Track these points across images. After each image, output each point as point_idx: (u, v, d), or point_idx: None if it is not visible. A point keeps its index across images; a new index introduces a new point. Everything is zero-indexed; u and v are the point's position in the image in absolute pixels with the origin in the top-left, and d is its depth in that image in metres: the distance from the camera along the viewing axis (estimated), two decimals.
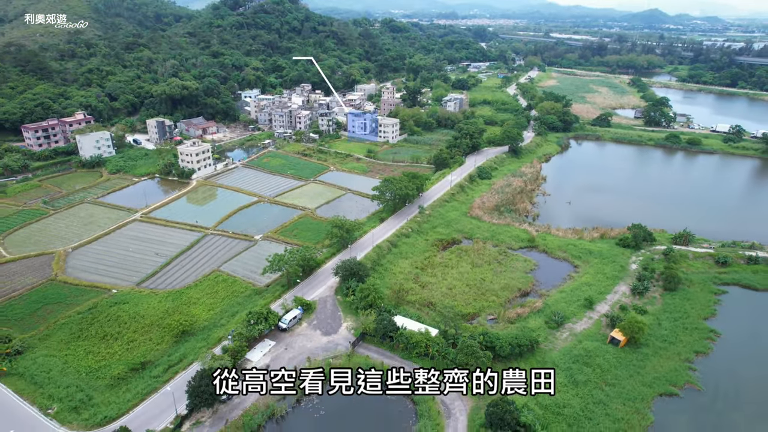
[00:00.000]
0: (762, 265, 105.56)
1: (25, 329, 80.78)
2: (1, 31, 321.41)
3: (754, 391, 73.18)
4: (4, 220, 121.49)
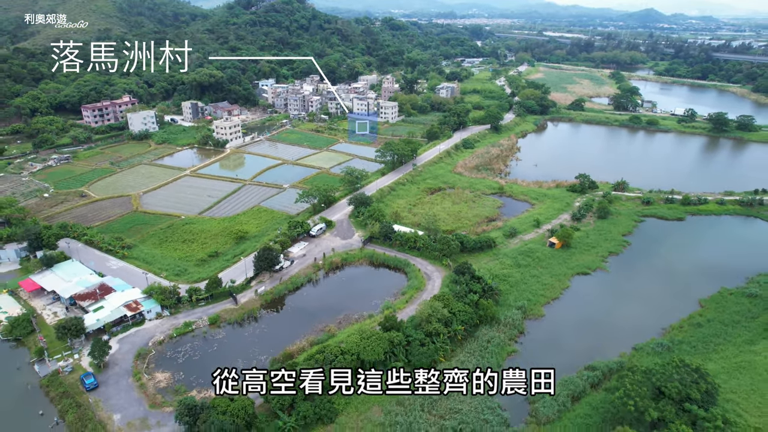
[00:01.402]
0: (675, 204, 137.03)
1: (126, 237, 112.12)
2: (36, 29, 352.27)
3: (644, 272, 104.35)
4: (84, 175, 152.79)
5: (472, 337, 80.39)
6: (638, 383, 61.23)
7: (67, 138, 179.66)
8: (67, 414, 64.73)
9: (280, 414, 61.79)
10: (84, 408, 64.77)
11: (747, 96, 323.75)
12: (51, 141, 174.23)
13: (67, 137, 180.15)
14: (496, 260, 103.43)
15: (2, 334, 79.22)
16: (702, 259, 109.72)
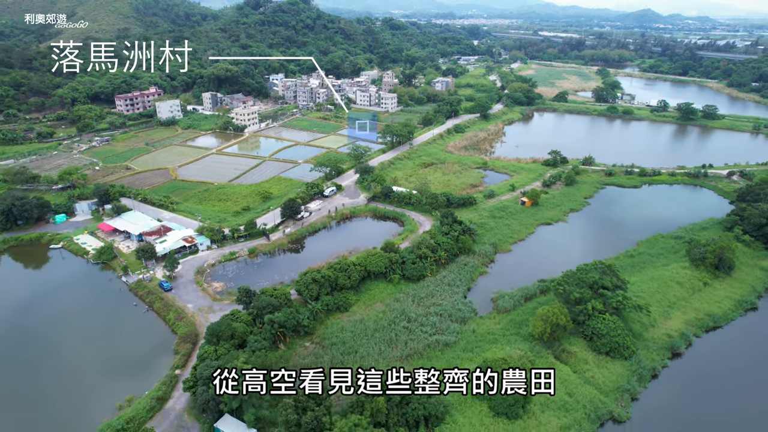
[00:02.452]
0: (633, 175, 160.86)
1: None
2: (59, 29, 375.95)
3: (597, 223, 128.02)
4: (124, 153, 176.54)
5: (453, 262, 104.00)
6: (568, 276, 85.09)
7: (104, 123, 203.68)
8: (154, 304, 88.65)
9: (309, 301, 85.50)
10: (165, 300, 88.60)
11: (722, 90, 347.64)
12: (92, 126, 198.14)
13: (104, 123, 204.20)
14: (476, 213, 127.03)
15: (93, 259, 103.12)
16: (647, 215, 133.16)
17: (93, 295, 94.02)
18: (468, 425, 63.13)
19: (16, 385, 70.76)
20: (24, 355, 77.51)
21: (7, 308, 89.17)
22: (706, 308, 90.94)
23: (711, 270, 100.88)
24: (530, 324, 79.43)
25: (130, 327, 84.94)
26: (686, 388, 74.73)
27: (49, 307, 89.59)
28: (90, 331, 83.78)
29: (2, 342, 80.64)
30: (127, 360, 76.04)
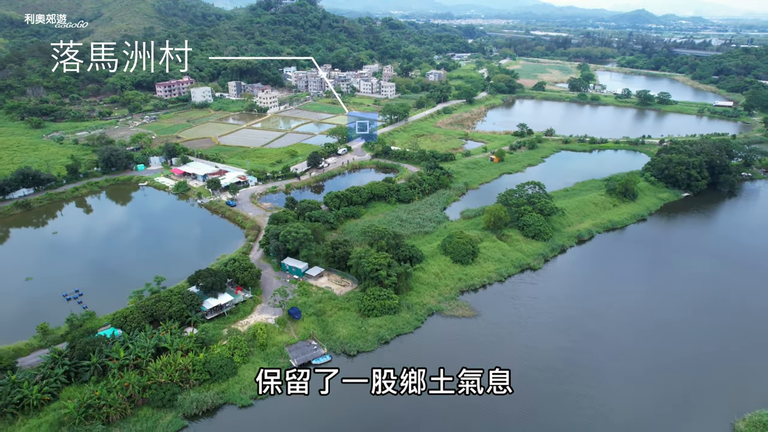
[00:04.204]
0: (585, 143, 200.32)
1: None
2: (91, 29, 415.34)
3: (547, 173, 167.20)
4: (171, 127, 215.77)
5: (434, 193, 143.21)
6: (511, 190, 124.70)
7: (149, 106, 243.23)
8: (225, 214, 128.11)
9: (332, 208, 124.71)
10: (232, 212, 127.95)
11: (687, 82, 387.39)
12: (140, 107, 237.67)
13: (149, 105, 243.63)
14: (454, 165, 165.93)
15: (173, 190, 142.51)
16: (588, 169, 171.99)
17: (180, 210, 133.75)
18: (437, 266, 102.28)
19: (156, 252, 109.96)
20: (154, 242, 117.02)
21: (123, 221, 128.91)
22: (609, 218, 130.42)
23: (620, 197, 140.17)
24: (482, 219, 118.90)
25: (213, 225, 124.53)
26: (583, 257, 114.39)
27: (153, 217, 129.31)
28: (187, 227, 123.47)
29: (135, 236, 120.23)
30: (217, 240, 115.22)
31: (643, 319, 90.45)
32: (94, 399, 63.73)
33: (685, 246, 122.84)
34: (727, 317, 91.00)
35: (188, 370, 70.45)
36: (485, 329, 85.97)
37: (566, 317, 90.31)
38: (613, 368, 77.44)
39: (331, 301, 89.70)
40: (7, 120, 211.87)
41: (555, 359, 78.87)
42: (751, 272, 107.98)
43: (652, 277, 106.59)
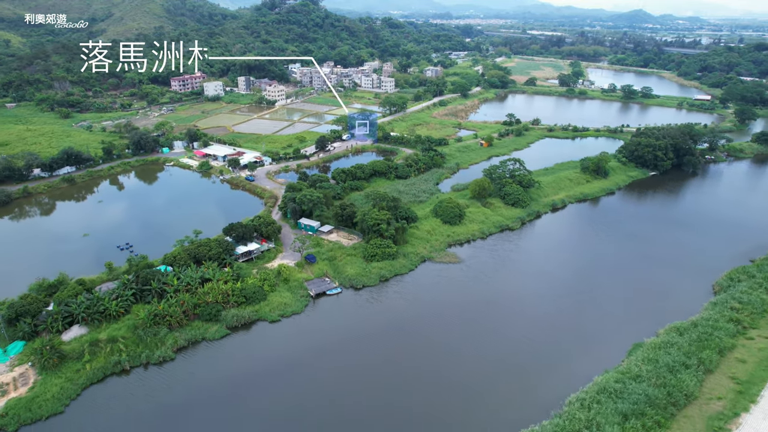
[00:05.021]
0: (568, 131, 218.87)
1: None
2: (103, 28, 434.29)
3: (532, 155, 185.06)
4: (188, 117, 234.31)
5: (428, 171, 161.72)
6: (494, 166, 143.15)
7: (166, 98, 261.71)
8: (245, 187, 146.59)
9: (339, 181, 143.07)
10: (252, 185, 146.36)
11: (672, 79, 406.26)
12: (157, 100, 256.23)
13: (165, 98, 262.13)
14: (447, 149, 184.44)
15: (197, 169, 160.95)
16: (569, 153, 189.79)
17: (205, 185, 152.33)
18: (429, 225, 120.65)
19: (189, 215, 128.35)
20: (186, 208, 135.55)
21: (156, 192, 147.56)
22: (582, 191, 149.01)
23: (592, 174, 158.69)
24: (469, 189, 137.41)
25: (235, 196, 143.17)
26: (554, 221, 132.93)
27: (182, 190, 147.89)
28: (213, 197, 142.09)
29: (168, 203, 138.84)
30: (240, 206, 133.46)
31: (589, 262, 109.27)
32: (159, 311, 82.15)
33: (639, 212, 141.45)
34: (647, 262, 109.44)
35: (228, 294, 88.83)
36: (466, 272, 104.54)
37: (533, 263, 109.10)
38: (554, 297, 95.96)
39: (340, 250, 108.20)
40: (38, 111, 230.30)
41: (518, 292, 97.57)
42: (683, 229, 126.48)
43: (605, 234, 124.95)
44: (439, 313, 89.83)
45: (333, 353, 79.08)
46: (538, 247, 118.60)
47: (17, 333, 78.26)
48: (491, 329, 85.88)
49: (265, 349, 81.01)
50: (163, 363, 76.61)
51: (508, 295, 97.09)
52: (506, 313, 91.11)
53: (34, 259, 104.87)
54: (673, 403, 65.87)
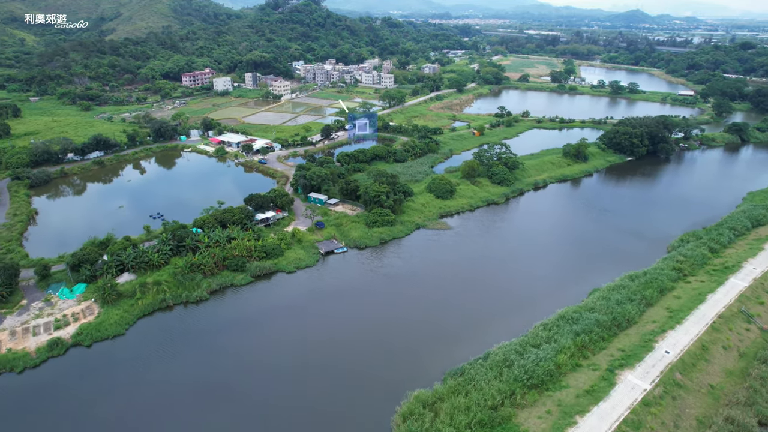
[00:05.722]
0: (556, 122, 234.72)
1: None
2: (113, 27, 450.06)
3: (520, 144, 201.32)
4: (200, 110, 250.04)
5: (424, 155, 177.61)
6: (483, 149, 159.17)
7: (178, 93, 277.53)
8: (258, 169, 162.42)
9: (343, 164, 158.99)
10: (264, 167, 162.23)
11: (661, 76, 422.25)
12: (170, 94, 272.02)
13: (177, 92, 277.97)
14: (442, 137, 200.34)
15: (214, 154, 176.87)
16: (554, 142, 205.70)
17: (221, 168, 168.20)
18: (423, 199, 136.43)
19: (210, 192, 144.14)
20: (206, 185, 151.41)
21: (178, 173, 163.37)
22: (562, 172, 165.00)
23: (573, 158, 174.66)
24: (460, 169, 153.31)
25: (250, 177, 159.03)
26: (535, 198, 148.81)
27: (201, 172, 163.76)
28: (230, 177, 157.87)
29: (191, 182, 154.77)
30: (255, 184, 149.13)
31: (564, 230, 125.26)
32: (194, 261, 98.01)
33: (614, 191, 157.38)
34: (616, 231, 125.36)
35: (251, 249, 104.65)
36: (455, 236, 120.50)
37: (515, 231, 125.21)
38: (531, 256, 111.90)
39: (345, 218, 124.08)
40: (60, 104, 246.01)
41: (500, 253, 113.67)
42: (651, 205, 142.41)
43: (581, 209, 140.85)
44: (430, 268, 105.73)
45: (339, 297, 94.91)
46: (520, 218, 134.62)
47: (80, 277, 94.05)
48: (475, 280, 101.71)
49: (283, 293, 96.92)
50: (199, 302, 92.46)
51: (492, 254, 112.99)
52: (489, 268, 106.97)
53: (81, 225, 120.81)
54: (616, 325, 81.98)
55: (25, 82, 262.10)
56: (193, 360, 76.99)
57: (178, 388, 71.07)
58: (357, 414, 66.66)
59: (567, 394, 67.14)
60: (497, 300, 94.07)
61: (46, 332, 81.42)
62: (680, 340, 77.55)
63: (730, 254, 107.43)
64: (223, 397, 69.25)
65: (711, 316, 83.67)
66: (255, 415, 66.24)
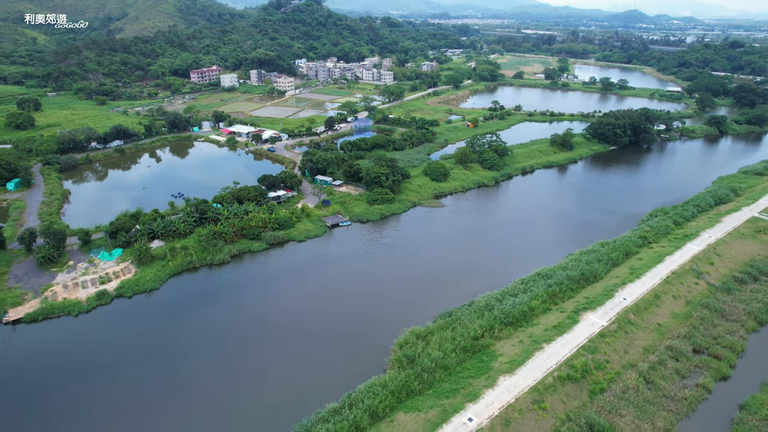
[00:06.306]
0: (546, 115, 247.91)
1: None
2: (121, 26, 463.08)
3: (511, 134, 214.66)
4: (209, 104, 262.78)
5: (421, 144, 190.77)
6: (475, 137, 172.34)
7: (187, 89, 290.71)
8: (267, 157, 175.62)
9: (346, 151, 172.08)
10: (273, 155, 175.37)
11: (653, 74, 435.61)
12: (179, 90, 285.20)
13: (186, 88, 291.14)
14: (438, 128, 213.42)
15: (225, 143, 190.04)
16: (544, 133, 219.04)
17: (233, 156, 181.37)
18: (419, 181, 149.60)
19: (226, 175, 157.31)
20: (222, 169, 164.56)
21: (194, 160, 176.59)
22: (549, 159, 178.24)
23: (559, 147, 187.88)
24: (453, 156, 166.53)
25: (260, 163, 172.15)
26: (523, 181, 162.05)
27: (215, 159, 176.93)
28: (241, 164, 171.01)
29: (207, 167, 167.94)
30: (266, 169, 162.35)
31: (547, 208, 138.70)
32: (216, 229, 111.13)
33: (596, 176, 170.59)
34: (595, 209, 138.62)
35: (266, 221, 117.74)
36: (448, 213, 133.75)
37: (502, 208, 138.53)
38: (515, 228, 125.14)
39: (349, 196, 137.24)
40: (76, 99, 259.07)
41: (488, 226, 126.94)
42: (629, 188, 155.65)
43: (564, 191, 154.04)
44: (425, 238, 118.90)
45: (345, 260, 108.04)
46: (508, 198, 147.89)
47: (117, 243, 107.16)
48: (465, 247, 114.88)
49: (295, 258, 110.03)
50: (221, 264, 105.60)
51: (481, 228, 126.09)
52: (477, 238, 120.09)
53: (110, 203, 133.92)
54: (584, 280, 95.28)
55: (42, 79, 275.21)
56: (219, 308, 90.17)
57: (208, 328, 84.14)
58: (364, 342, 79.90)
59: (537, 329, 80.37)
60: (483, 262, 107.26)
61: (93, 286, 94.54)
62: (637, 290, 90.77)
63: (692, 226, 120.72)
64: (254, 328, 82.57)
65: (666, 272, 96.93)
66: (278, 341, 79.53)
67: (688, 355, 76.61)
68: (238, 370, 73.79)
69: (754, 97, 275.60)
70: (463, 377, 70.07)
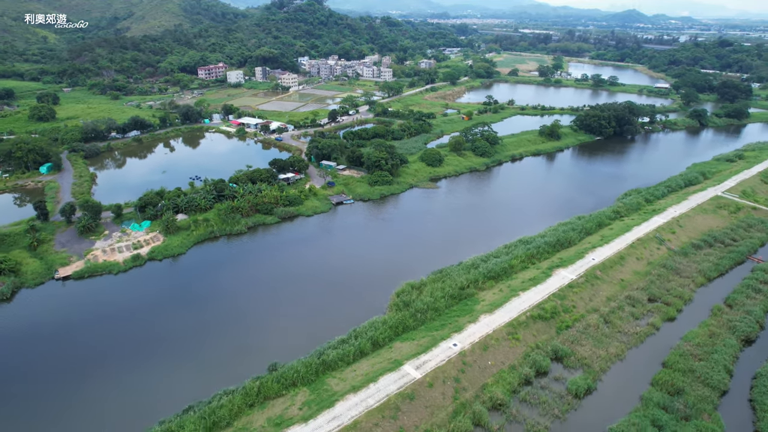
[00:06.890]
0: (537, 109, 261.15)
1: None
2: (127, 25, 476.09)
3: (505, 126, 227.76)
4: (217, 99, 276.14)
5: (418, 134, 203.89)
6: (467, 127, 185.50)
7: (195, 84, 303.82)
8: (275, 145, 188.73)
9: (348, 140, 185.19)
10: (280, 144, 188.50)
11: (644, 72, 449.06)
12: (188, 86, 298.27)
13: (195, 84, 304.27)
14: (434, 120, 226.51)
15: (235, 133, 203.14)
16: (534, 125, 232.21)
17: (242, 145, 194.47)
18: (416, 166, 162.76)
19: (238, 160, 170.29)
20: (234, 157, 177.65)
21: (208, 149, 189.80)
22: (537, 148, 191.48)
23: (547, 137, 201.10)
24: (448, 144, 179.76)
25: (268, 151, 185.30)
26: (512, 167, 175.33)
27: (226, 148, 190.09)
28: (251, 152, 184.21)
29: (220, 154, 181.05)
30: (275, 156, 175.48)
31: (533, 189, 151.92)
32: (233, 204, 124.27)
33: (581, 164, 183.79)
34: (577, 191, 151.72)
35: (277, 198, 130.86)
36: (442, 193, 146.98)
37: (492, 189, 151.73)
38: (502, 205, 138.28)
39: (352, 179, 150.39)
40: (90, 94, 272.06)
41: (478, 204, 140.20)
42: (611, 174, 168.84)
43: (550, 176, 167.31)
44: (421, 215, 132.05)
45: (349, 231, 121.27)
46: (497, 181, 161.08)
47: (145, 216, 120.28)
48: (456, 222, 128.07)
49: (304, 230, 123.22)
50: (239, 234, 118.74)
51: (471, 205, 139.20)
52: (468, 214, 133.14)
53: (134, 184, 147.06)
54: (560, 245, 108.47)
55: (57, 75, 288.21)
56: (239, 268, 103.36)
57: (230, 284, 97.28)
58: (367, 292, 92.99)
59: (515, 282, 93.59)
60: (472, 233, 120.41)
61: (128, 251, 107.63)
62: (605, 253, 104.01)
63: (661, 203, 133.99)
64: (269, 283, 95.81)
65: (632, 239, 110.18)
66: (293, 293, 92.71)
67: (644, 302, 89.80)
68: (259, 312, 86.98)
69: (737, 92, 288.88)
70: (451, 316, 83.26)
